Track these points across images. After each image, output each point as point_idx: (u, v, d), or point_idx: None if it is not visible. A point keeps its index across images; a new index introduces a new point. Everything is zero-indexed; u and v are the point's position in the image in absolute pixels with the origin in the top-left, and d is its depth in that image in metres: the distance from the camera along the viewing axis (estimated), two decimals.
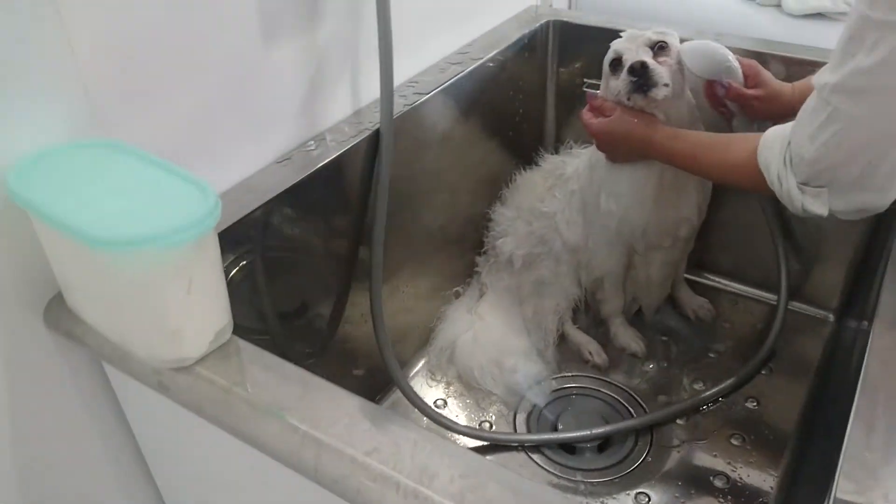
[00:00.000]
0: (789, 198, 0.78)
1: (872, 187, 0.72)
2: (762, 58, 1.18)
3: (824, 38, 1.45)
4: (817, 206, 0.75)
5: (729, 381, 1.16)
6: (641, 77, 0.99)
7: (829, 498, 0.52)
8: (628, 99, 1.02)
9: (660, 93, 1.00)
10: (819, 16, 1.46)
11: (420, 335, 1.28)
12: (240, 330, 0.69)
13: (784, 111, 0.92)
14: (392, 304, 1.18)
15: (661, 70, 1.00)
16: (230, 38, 0.84)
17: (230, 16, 0.83)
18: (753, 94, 1.03)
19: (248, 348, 0.67)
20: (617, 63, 1.05)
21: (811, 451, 1.02)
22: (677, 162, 0.98)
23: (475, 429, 1.14)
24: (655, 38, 1.04)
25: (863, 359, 0.86)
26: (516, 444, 1.11)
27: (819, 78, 0.70)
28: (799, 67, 1.16)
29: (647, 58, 1.01)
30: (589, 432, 1.10)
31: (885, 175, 0.70)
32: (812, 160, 0.73)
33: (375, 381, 1.15)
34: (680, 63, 1.05)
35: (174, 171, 0.64)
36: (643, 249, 1.19)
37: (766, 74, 1.05)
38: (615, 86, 1.04)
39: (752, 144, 0.82)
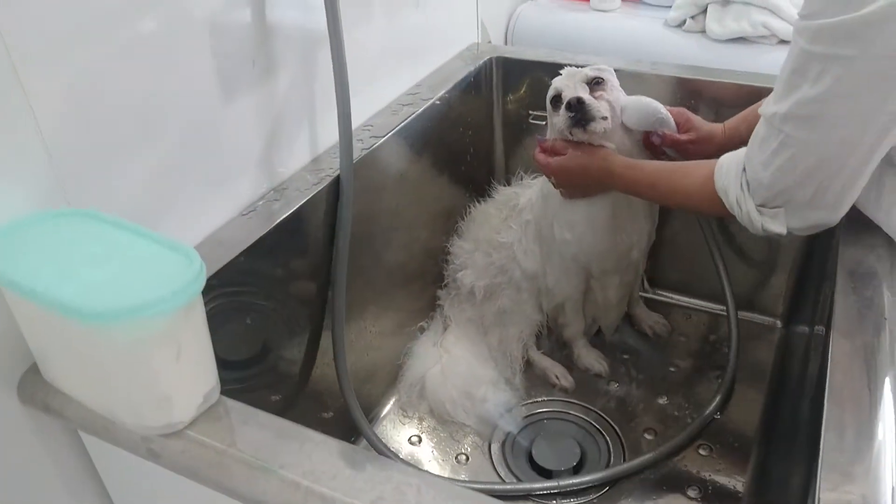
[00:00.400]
0: (749, 220, 0.82)
1: (825, 206, 0.77)
2: (692, 83, 1.25)
3: (746, 60, 1.54)
4: (776, 225, 0.80)
5: (708, 411, 1.20)
6: (578, 112, 1.04)
7: (815, 501, 0.56)
8: (570, 133, 1.06)
9: (598, 126, 1.05)
10: (741, 40, 1.55)
11: (389, 372, 1.29)
12: None
13: (718, 150, 0.96)
14: (359, 344, 1.19)
15: (598, 104, 1.05)
16: (190, 96, 0.84)
17: (189, 75, 0.84)
18: (687, 139, 1.10)
19: (237, 407, 0.67)
20: (557, 99, 1.09)
21: (775, 453, 1.07)
22: (638, 191, 1.02)
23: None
24: (592, 74, 1.09)
25: (816, 362, 0.92)
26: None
27: (766, 108, 0.76)
28: (722, 88, 1.24)
29: (584, 93, 1.06)
30: (584, 478, 1.11)
31: (835, 194, 0.75)
32: (769, 184, 0.77)
33: (346, 423, 1.15)
34: (617, 95, 1.10)
35: (151, 237, 0.64)
36: (599, 274, 1.24)
37: (696, 119, 1.12)
38: (557, 121, 1.08)
39: (708, 171, 0.87)
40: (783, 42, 1.53)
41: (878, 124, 0.70)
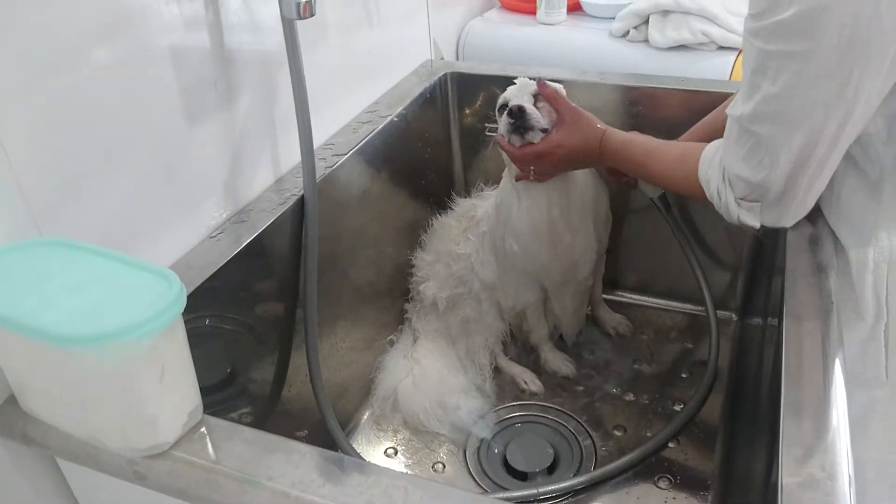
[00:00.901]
0: (727, 210, 0.85)
1: (794, 199, 0.80)
2: (638, 90, 1.31)
3: (687, 66, 1.61)
4: (751, 218, 0.84)
5: (690, 404, 1.23)
6: (518, 119, 1.08)
7: (778, 477, 0.59)
8: (509, 140, 1.11)
9: (536, 136, 1.09)
10: (682, 47, 1.61)
11: (361, 387, 1.31)
12: None
13: None
14: (331, 361, 1.20)
15: (538, 115, 1.08)
16: (155, 122, 0.85)
17: (153, 102, 0.85)
18: None
19: (221, 425, 0.68)
20: (504, 107, 1.13)
21: (739, 440, 1.11)
22: (628, 167, 1.04)
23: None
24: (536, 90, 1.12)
25: (772, 351, 0.97)
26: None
27: (733, 110, 0.79)
28: (666, 94, 1.31)
29: (527, 103, 1.10)
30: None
31: (804, 187, 0.79)
32: (746, 178, 0.80)
33: (322, 439, 1.16)
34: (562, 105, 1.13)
35: (128, 262, 0.65)
36: (550, 285, 1.27)
37: None
38: (500, 127, 1.13)
39: (696, 158, 0.90)
40: (722, 48, 1.60)
41: (839, 112, 0.72)
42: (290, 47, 0.93)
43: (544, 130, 1.09)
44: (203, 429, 0.67)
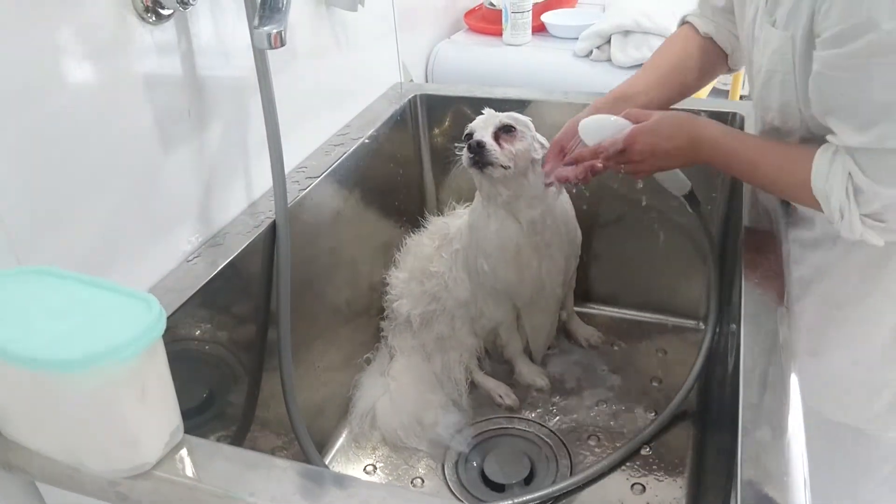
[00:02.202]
0: (849, 227, 0.83)
1: None
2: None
3: None
4: (874, 236, 0.83)
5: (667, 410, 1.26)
6: (477, 154, 1.10)
7: (736, 472, 0.62)
8: (471, 171, 1.13)
9: (496, 172, 1.11)
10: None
11: (339, 406, 1.32)
12: None
13: None
14: (308, 381, 1.21)
15: (497, 152, 1.10)
16: (130, 149, 0.87)
17: (129, 129, 0.87)
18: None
19: (202, 444, 0.70)
20: (468, 137, 1.15)
21: (708, 443, 1.15)
22: (733, 163, 0.96)
23: None
24: (505, 121, 1.15)
25: (736, 357, 1.00)
26: None
27: (850, 140, 0.79)
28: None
29: (488, 138, 1.11)
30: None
31: None
32: (888, 199, 0.80)
33: (299, 460, 1.17)
34: (529, 144, 1.15)
35: (107, 287, 0.67)
36: (521, 303, 1.30)
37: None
38: (462, 158, 1.15)
39: (806, 167, 0.85)
40: None
41: None
42: (261, 74, 0.95)
43: (504, 167, 1.11)
44: (184, 448, 0.69)
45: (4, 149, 0.72)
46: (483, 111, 1.19)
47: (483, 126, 1.15)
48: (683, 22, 1.17)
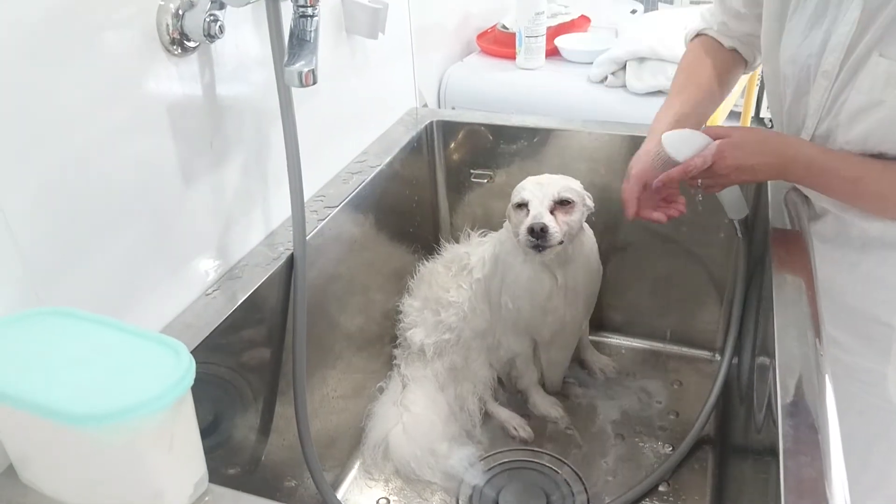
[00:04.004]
0: None
1: None
2: (618, 137, 1.34)
3: None
4: None
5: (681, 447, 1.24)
6: (540, 239, 1.08)
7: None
8: (525, 247, 1.12)
9: (552, 251, 1.12)
10: (658, 93, 1.66)
11: (352, 436, 1.30)
12: None
13: None
14: (321, 410, 1.20)
15: (557, 232, 1.09)
16: (154, 183, 0.86)
17: (152, 162, 0.85)
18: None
19: (227, 494, 0.68)
20: (522, 206, 1.13)
21: (729, 473, 1.13)
22: (833, 182, 0.94)
23: None
24: (563, 195, 1.12)
25: (751, 389, 1.00)
26: None
27: None
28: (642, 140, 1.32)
29: (549, 217, 1.09)
30: None
31: None
32: None
33: (310, 490, 1.15)
34: (581, 214, 1.15)
35: (133, 332, 0.65)
36: (540, 340, 1.29)
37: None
38: (517, 227, 1.12)
39: None
40: None
41: None
42: (284, 108, 0.93)
43: (560, 242, 1.10)
44: (208, 499, 0.67)
45: (31, 186, 0.70)
46: (535, 180, 1.15)
47: (539, 199, 1.11)
48: (697, 35, 1.18)
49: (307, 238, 1.03)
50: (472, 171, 1.46)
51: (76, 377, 0.61)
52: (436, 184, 1.49)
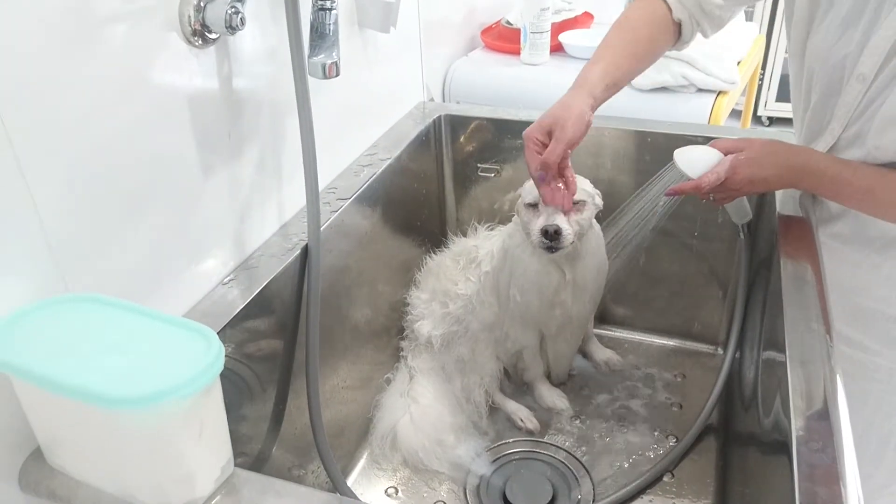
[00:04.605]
0: None
1: None
2: (619, 132, 1.36)
3: (668, 107, 1.67)
4: None
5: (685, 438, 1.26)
6: (553, 241, 1.09)
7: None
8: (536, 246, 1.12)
9: (564, 252, 1.12)
10: (663, 89, 1.67)
11: (360, 426, 1.31)
12: None
13: None
14: (330, 401, 1.21)
15: (570, 234, 1.09)
16: (174, 173, 0.87)
17: (174, 153, 0.86)
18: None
19: (252, 478, 0.69)
20: (534, 205, 1.13)
21: (733, 464, 1.15)
22: (844, 191, 0.95)
23: None
24: (575, 196, 1.10)
25: (757, 382, 1.01)
26: None
27: None
28: (650, 135, 1.35)
29: (561, 220, 1.08)
30: None
31: None
32: None
33: (320, 479, 1.17)
34: (592, 212, 1.16)
35: (163, 318, 0.66)
36: (547, 332, 1.31)
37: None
38: (529, 227, 1.13)
39: None
40: (701, 91, 1.67)
41: None
42: (301, 100, 0.94)
43: (572, 243, 1.11)
44: (235, 482, 0.68)
45: (58, 175, 0.71)
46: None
47: None
48: None
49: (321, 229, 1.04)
50: (479, 164, 1.47)
51: (108, 362, 0.62)
52: (443, 177, 1.50)
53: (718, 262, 1.42)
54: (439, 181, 1.50)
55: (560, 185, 1.04)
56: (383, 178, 1.28)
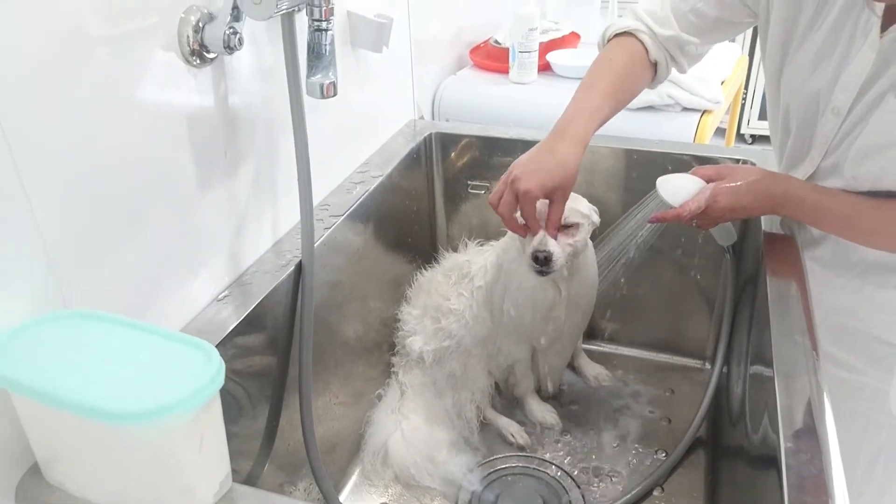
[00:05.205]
0: None
1: None
2: (609, 150, 1.38)
3: (654, 126, 1.70)
4: None
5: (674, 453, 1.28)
6: (544, 266, 1.10)
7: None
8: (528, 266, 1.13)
9: (555, 275, 1.13)
10: (650, 108, 1.70)
11: (351, 443, 1.32)
12: None
13: None
14: (322, 417, 1.21)
15: (560, 258, 1.10)
16: (171, 191, 0.88)
17: (171, 171, 0.87)
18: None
19: (249, 493, 0.70)
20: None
21: (722, 477, 1.16)
22: (825, 219, 0.98)
23: None
24: (571, 220, 1.13)
25: (745, 396, 1.03)
26: None
27: None
28: (637, 153, 1.38)
29: (552, 245, 1.09)
30: None
31: None
32: None
33: (313, 495, 1.17)
34: (587, 232, 1.17)
35: (162, 334, 0.67)
36: (538, 346, 1.33)
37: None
38: (524, 246, 1.14)
39: None
40: (686, 109, 1.70)
41: None
42: (296, 118, 0.95)
43: (562, 266, 1.12)
44: (234, 496, 0.69)
45: (58, 192, 0.72)
46: (542, 199, 1.10)
47: (544, 220, 1.11)
48: (622, 33, 1.11)
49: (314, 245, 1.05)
50: (469, 182, 1.49)
51: (108, 377, 0.62)
52: (433, 194, 1.52)
53: (705, 278, 1.44)
54: (430, 198, 1.52)
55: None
56: (375, 195, 1.29)
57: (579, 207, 1.17)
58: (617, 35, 1.12)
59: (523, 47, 1.82)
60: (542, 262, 1.09)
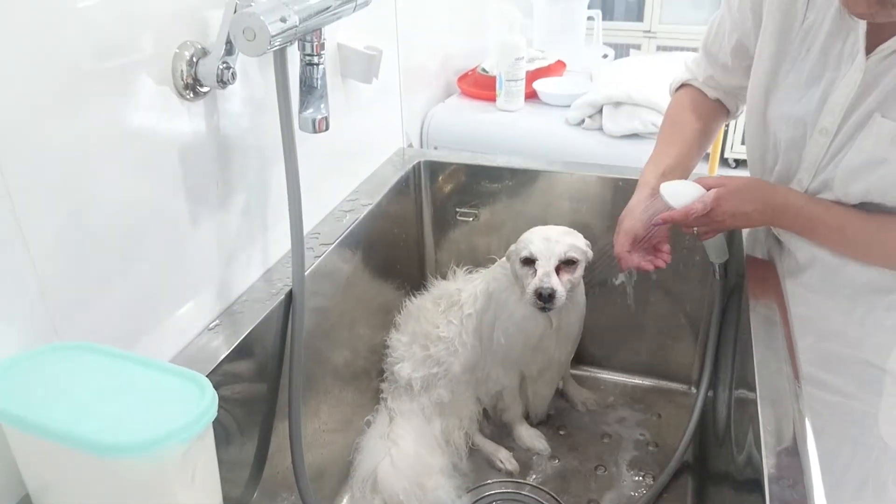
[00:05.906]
0: None
1: None
2: (596, 178, 1.41)
3: (638, 153, 1.72)
4: None
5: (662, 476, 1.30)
6: (547, 302, 1.13)
7: None
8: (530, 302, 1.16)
9: (555, 311, 1.17)
10: (634, 136, 1.73)
11: (340, 469, 1.32)
12: None
13: None
14: (311, 444, 1.21)
15: (563, 294, 1.13)
16: (163, 223, 0.89)
17: (163, 203, 0.88)
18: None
19: None
20: (529, 262, 1.17)
21: (709, 499, 1.18)
22: (819, 229, 1.00)
23: None
24: (570, 255, 1.16)
25: (743, 423, 1.05)
26: None
27: None
28: (622, 181, 1.40)
29: (555, 281, 1.12)
30: None
31: None
32: None
33: None
34: (583, 268, 1.20)
35: (155, 366, 0.68)
36: (528, 374, 1.34)
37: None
38: (523, 281, 1.17)
39: None
40: None
41: None
42: (288, 150, 0.96)
43: (562, 300, 1.14)
44: None
45: (52, 225, 0.73)
46: (543, 235, 1.18)
47: (547, 258, 1.15)
48: (682, 85, 1.23)
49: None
50: (457, 209, 1.51)
51: (101, 409, 0.63)
52: (422, 222, 1.54)
53: (691, 302, 1.46)
54: (418, 225, 1.53)
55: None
56: (365, 223, 1.30)
57: (576, 242, 1.19)
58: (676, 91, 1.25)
59: (510, 76, 1.85)
60: (545, 300, 1.11)
